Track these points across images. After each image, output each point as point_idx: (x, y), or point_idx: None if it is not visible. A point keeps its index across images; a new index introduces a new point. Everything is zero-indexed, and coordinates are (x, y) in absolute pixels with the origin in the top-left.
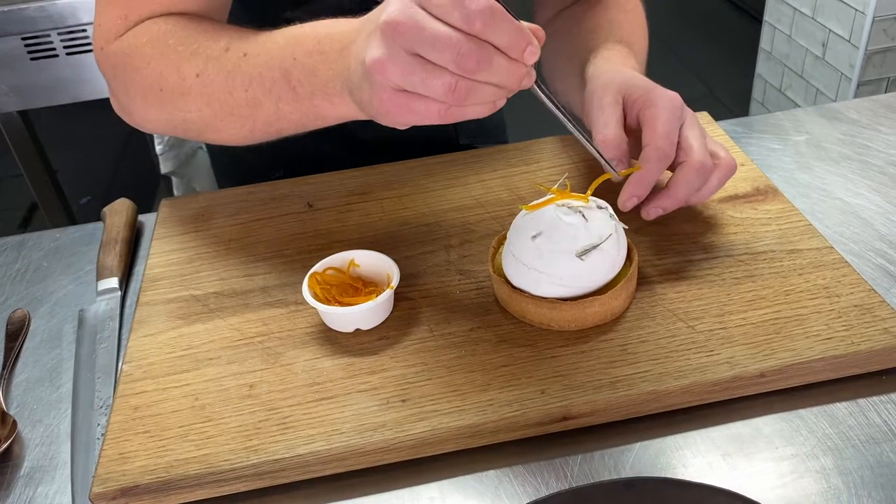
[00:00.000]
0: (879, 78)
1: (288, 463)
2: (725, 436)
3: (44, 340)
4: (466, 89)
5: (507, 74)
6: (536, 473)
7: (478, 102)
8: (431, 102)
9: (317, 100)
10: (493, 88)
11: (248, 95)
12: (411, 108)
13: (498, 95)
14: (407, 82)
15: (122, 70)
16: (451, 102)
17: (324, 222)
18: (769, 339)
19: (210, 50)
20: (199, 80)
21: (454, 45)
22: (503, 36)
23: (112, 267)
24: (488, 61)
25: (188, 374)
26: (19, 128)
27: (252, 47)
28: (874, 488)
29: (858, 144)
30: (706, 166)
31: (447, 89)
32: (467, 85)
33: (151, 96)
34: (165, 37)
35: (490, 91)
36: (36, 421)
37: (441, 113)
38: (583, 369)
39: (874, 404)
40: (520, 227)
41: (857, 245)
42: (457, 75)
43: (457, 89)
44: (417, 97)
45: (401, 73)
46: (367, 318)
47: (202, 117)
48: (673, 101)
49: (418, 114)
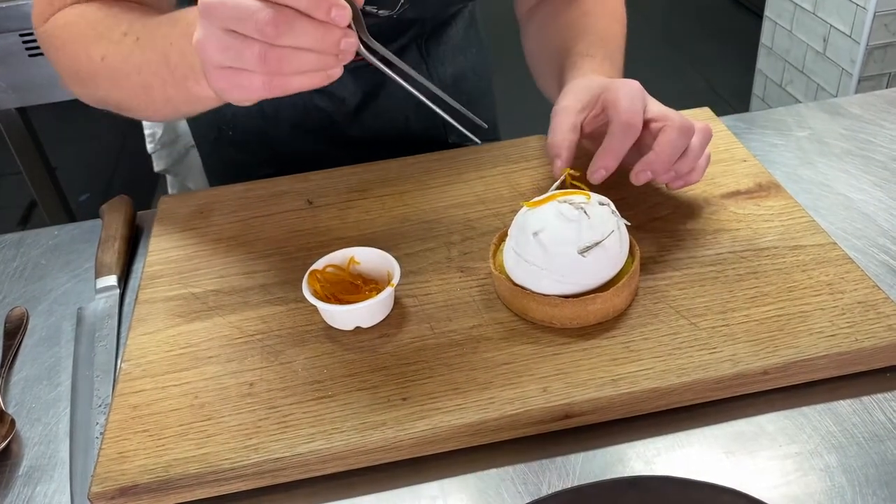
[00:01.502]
0: (881, 73)
1: (288, 462)
2: (728, 434)
3: (42, 338)
4: (278, 57)
5: (317, 37)
6: (538, 472)
7: (298, 70)
8: (253, 75)
9: (189, 81)
10: (312, 55)
11: (141, 79)
12: (237, 83)
13: (321, 63)
14: (225, 58)
15: (48, 51)
16: (268, 71)
17: (324, 219)
18: (772, 336)
19: (112, 34)
20: (103, 64)
21: (254, 13)
22: None
23: (111, 264)
24: (288, 24)
25: (187, 373)
26: (18, 125)
27: (142, 31)
28: (878, 486)
29: (861, 140)
30: (686, 125)
31: (259, 59)
32: (278, 53)
33: (72, 77)
34: (78, 21)
35: (307, 57)
36: (34, 419)
37: (266, 84)
38: (585, 367)
39: (878, 402)
40: (521, 224)
41: (861, 241)
42: (265, 43)
43: (268, 58)
44: (239, 71)
45: (216, 49)
46: (367, 315)
47: (115, 97)
48: (631, 84)
49: (245, 88)
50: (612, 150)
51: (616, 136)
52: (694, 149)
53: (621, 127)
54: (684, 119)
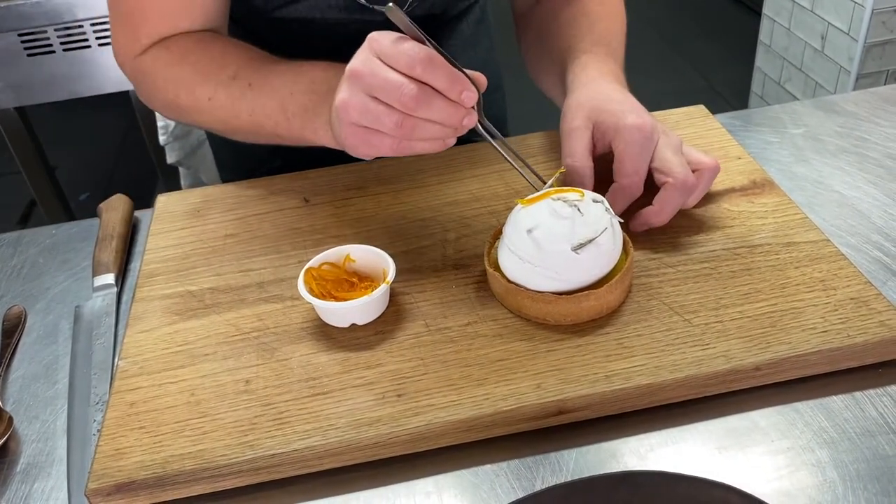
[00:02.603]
0: (879, 71)
1: (283, 458)
2: (721, 429)
3: (40, 337)
4: (412, 125)
5: (447, 113)
6: (532, 468)
7: (424, 138)
8: (385, 137)
9: (306, 131)
10: (437, 126)
11: (252, 119)
12: (369, 142)
13: (444, 133)
14: (364, 119)
15: (142, 85)
16: (400, 136)
17: (320, 217)
18: (765, 332)
19: (219, 77)
20: (210, 103)
21: (399, 86)
22: (441, 80)
23: (108, 263)
24: (427, 101)
25: (184, 370)
26: (17, 125)
27: (256, 78)
28: (869, 481)
29: (856, 137)
30: (688, 183)
31: (395, 125)
32: (412, 122)
33: (170, 109)
34: (180, 63)
35: (434, 128)
36: (32, 417)
37: (394, 146)
38: (578, 363)
39: (870, 397)
40: (515, 221)
41: (854, 238)
42: (403, 113)
43: (403, 125)
44: (374, 132)
45: (359, 111)
46: (362, 312)
47: (214, 128)
48: (642, 132)
49: (375, 146)
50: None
51: (616, 196)
52: (697, 196)
53: (621, 191)
54: (687, 175)
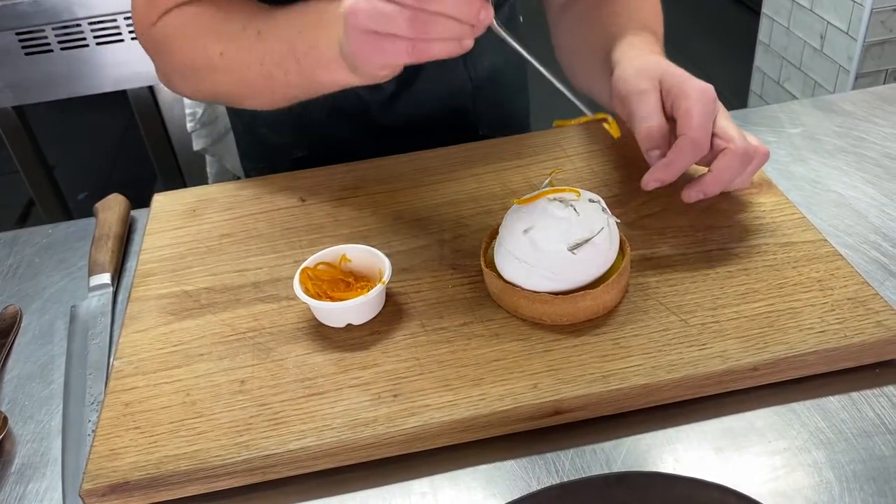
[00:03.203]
0: (878, 70)
1: (279, 458)
2: (718, 430)
3: (35, 336)
4: (425, 20)
5: (462, 6)
6: (528, 468)
7: (440, 37)
8: (398, 40)
9: (317, 70)
10: (453, 22)
11: (263, 69)
12: (382, 48)
13: (461, 31)
14: (374, 23)
15: (160, 53)
16: (414, 35)
17: (316, 217)
18: (762, 332)
19: (230, 31)
20: (222, 59)
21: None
22: None
23: (104, 263)
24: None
25: (179, 370)
26: (14, 124)
27: (264, 25)
28: (866, 481)
29: (854, 137)
30: (749, 152)
31: (408, 22)
32: (425, 17)
33: (187, 73)
34: (193, 23)
35: (450, 24)
36: (27, 417)
37: (409, 49)
38: (575, 363)
39: (867, 398)
40: (512, 221)
41: (852, 238)
42: (415, 8)
43: (416, 21)
44: (386, 37)
45: (368, 15)
46: (358, 313)
47: (229, 90)
48: (707, 94)
49: (387, 52)
50: (675, 166)
51: (683, 152)
52: (748, 174)
53: (690, 144)
54: (747, 144)
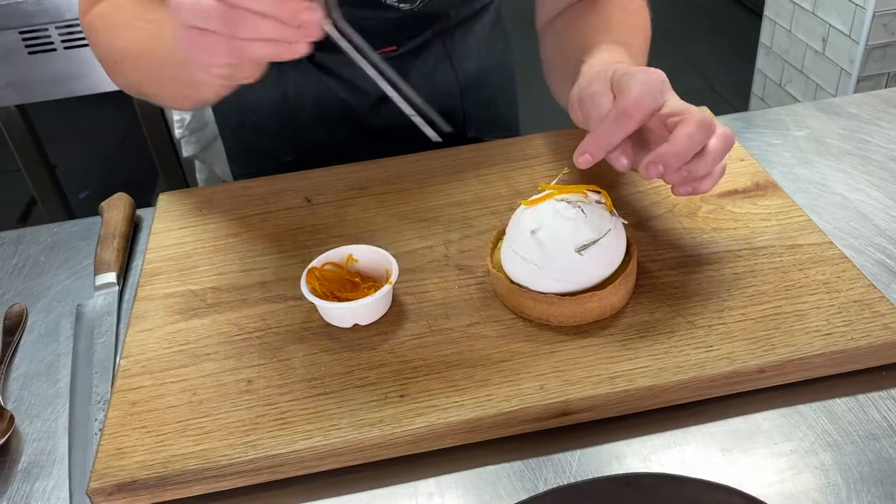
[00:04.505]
0: (879, 73)
1: (286, 458)
2: (724, 431)
3: (41, 335)
4: (236, 17)
5: (277, 5)
6: (535, 469)
7: (258, 37)
8: (216, 37)
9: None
10: (271, 22)
11: (159, 61)
12: (202, 44)
13: (283, 33)
14: (195, 19)
15: (90, 42)
16: (229, 32)
17: (322, 217)
18: (768, 334)
19: (139, 21)
20: (127, 49)
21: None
22: None
23: (110, 262)
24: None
25: (186, 370)
26: (17, 122)
27: (163, 15)
28: (873, 484)
29: (858, 140)
30: (707, 120)
31: (220, 18)
32: (237, 14)
33: (107, 64)
34: (115, 11)
35: (267, 25)
36: (33, 416)
37: (228, 48)
38: (582, 365)
39: (873, 400)
40: (519, 222)
41: (857, 240)
42: (230, 5)
43: (229, 17)
44: (205, 33)
45: (190, 10)
46: (365, 313)
47: (141, 82)
48: (652, 73)
49: (208, 49)
50: (600, 138)
51: (609, 122)
52: (712, 151)
53: (617, 113)
54: (707, 115)
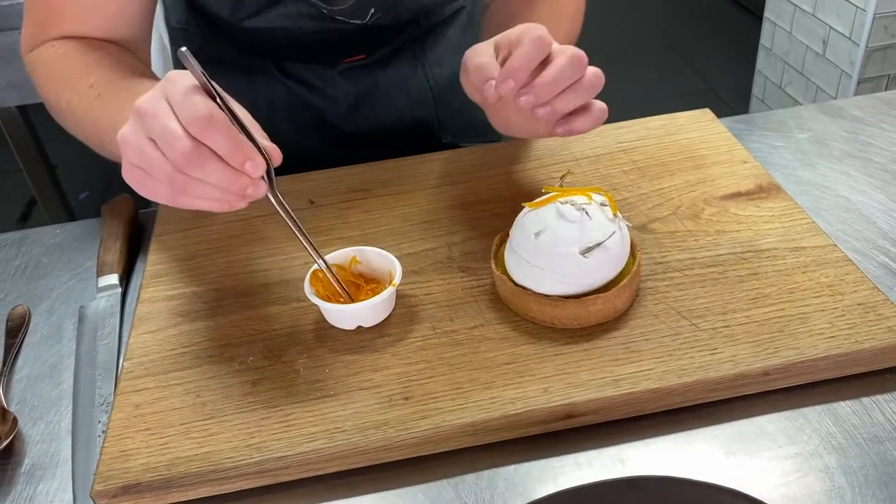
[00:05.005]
0: (880, 75)
1: (290, 461)
2: (729, 434)
3: (44, 337)
4: (183, 182)
5: (225, 179)
6: (539, 472)
7: (200, 197)
8: (158, 184)
9: None
10: (217, 190)
11: (96, 133)
12: (145, 185)
13: (225, 197)
14: (140, 161)
15: (32, 79)
16: (173, 190)
17: (325, 219)
18: (773, 337)
19: (80, 83)
20: (68, 109)
21: (173, 140)
22: (220, 144)
23: (112, 263)
24: (201, 163)
25: (189, 372)
26: (18, 123)
27: (105, 89)
28: (878, 487)
29: (861, 142)
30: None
31: (167, 176)
32: (184, 179)
33: (50, 110)
34: (56, 63)
35: (211, 190)
36: (37, 418)
37: (168, 196)
38: (586, 367)
39: (878, 403)
40: (523, 225)
41: (860, 243)
42: (175, 168)
43: (174, 180)
44: (150, 176)
45: (135, 151)
46: (369, 315)
47: (78, 135)
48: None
49: (149, 191)
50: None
51: (525, 46)
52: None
53: (533, 39)
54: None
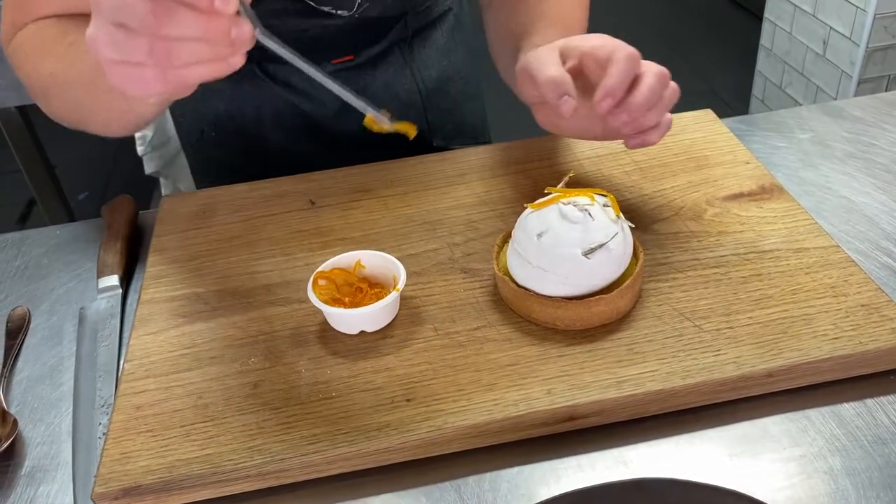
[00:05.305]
0: (880, 75)
1: (291, 463)
2: (733, 436)
3: (44, 338)
4: (164, 48)
5: (202, 26)
6: (542, 474)
7: (189, 61)
8: (145, 69)
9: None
10: (202, 45)
11: (84, 89)
12: (132, 77)
13: (214, 53)
14: (116, 52)
15: (17, 72)
16: (158, 64)
17: (326, 220)
18: (776, 338)
19: (58, 47)
20: (52, 78)
21: (133, 5)
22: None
23: (113, 264)
24: (169, 15)
25: (190, 373)
26: (17, 123)
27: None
28: (882, 489)
29: (863, 142)
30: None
31: (147, 53)
32: (164, 44)
33: (33, 92)
34: (32, 38)
35: (198, 48)
36: (37, 420)
37: (159, 77)
38: (589, 369)
39: (882, 404)
40: (525, 226)
41: (863, 244)
42: (150, 35)
43: (154, 50)
44: (133, 65)
45: (107, 44)
46: (372, 320)
47: (68, 110)
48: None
49: (140, 82)
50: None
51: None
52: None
53: (627, 58)
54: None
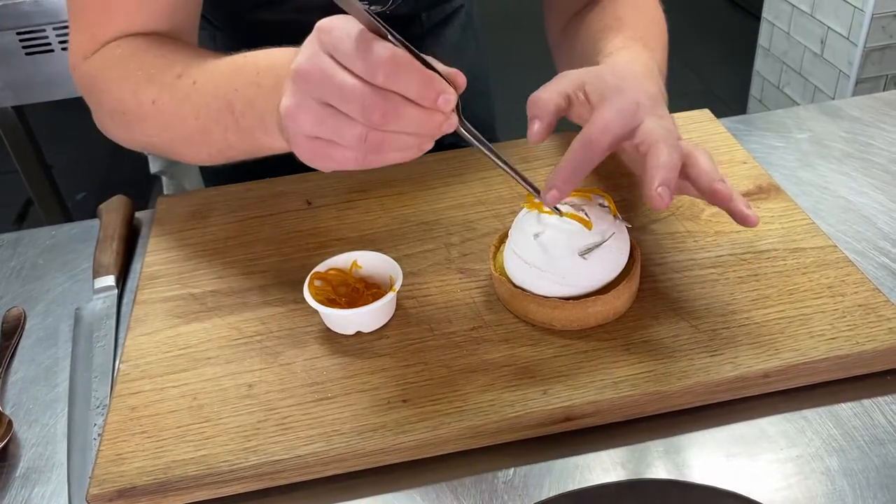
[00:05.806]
0: (878, 75)
1: (287, 464)
2: (729, 436)
3: (39, 339)
4: (378, 140)
5: (421, 123)
6: (539, 475)
7: (394, 150)
8: (347, 150)
9: (257, 132)
10: (412, 137)
11: (199, 124)
12: (328, 155)
13: (418, 143)
14: (319, 131)
15: (90, 91)
16: (365, 152)
17: (323, 220)
18: (773, 338)
19: (165, 76)
20: (154, 107)
21: (359, 97)
22: (411, 86)
23: (108, 265)
24: (395, 113)
25: (186, 374)
26: (14, 123)
27: (201, 75)
28: (879, 489)
29: (861, 142)
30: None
31: (358, 140)
32: (379, 136)
33: (116, 118)
34: (126, 61)
35: (406, 139)
36: (32, 421)
37: (358, 160)
38: (585, 369)
39: (879, 405)
40: (522, 226)
41: (861, 244)
42: (367, 126)
43: (368, 140)
44: (333, 144)
45: (312, 122)
46: (369, 320)
47: (162, 141)
48: (625, 101)
49: (336, 160)
50: (565, 168)
51: (574, 151)
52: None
53: (582, 142)
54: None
